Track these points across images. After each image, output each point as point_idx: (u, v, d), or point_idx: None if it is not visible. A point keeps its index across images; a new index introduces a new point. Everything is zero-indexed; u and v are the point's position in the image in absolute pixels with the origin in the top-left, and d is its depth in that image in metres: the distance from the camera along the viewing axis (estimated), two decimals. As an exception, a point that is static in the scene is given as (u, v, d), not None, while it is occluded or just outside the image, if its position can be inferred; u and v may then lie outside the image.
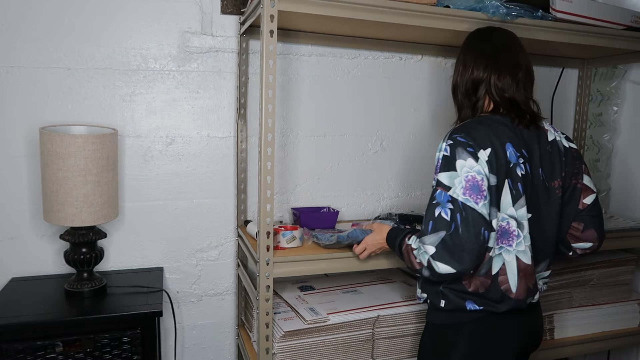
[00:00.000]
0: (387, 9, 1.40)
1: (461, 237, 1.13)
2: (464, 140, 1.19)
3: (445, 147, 1.21)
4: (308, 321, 1.50)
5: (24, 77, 1.60)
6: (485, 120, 1.25)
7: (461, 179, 1.15)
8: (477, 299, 1.23)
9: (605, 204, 2.18)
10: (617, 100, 2.13)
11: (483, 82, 1.29)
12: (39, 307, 1.45)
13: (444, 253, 1.14)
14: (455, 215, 1.14)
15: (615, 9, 1.74)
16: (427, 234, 1.17)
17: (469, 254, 1.13)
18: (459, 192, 1.15)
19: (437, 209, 1.16)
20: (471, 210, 1.13)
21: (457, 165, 1.16)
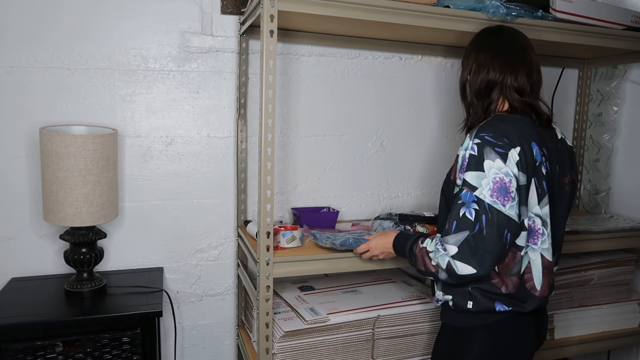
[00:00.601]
0: (387, 9, 1.40)
1: (485, 239, 1.12)
2: (493, 140, 1.16)
3: (472, 146, 1.17)
4: (308, 321, 1.50)
5: (24, 77, 1.60)
6: (508, 119, 1.23)
7: (489, 180, 1.13)
8: (506, 299, 1.22)
9: (605, 204, 2.18)
10: (617, 100, 2.13)
11: (499, 83, 1.27)
12: (39, 307, 1.45)
13: (466, 253, 1.12)
14: (481, 216, 1.12)
15: (615, 9, 1.74)
16: (451, 233, 1.15)
17: (491, 256, 1.12)
18: (486, 193, 1.13)
19: (462, 209, 1.14)
20: (497, 212, 1.12)
21: (484, 166, 1.14)
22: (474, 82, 1.30)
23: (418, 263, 1.23)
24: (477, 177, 1.14)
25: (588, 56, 2.12)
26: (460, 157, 1.21)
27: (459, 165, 1.21)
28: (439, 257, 1.16)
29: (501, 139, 1.16)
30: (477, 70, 1.30)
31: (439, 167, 2.10)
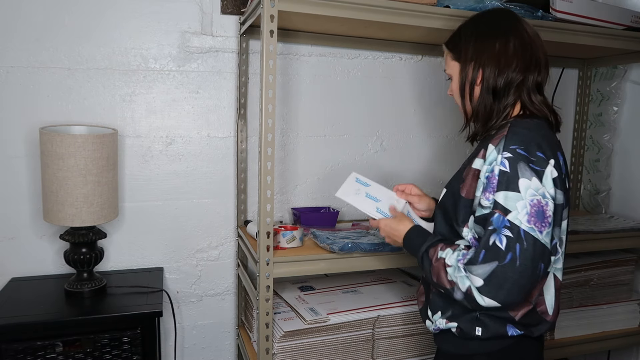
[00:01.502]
0: (387, 9, 1.40)
1: (516, 271, 0.96)
2: (526, 153, 1.00)
3: (503, 161, 1.01)
4: (308, 321, 1.50)
5: (24, 77, 1.60)
6: (531, 126, 1.06)
7: (525, 203, 0.98)
8: (517, 323, 1.10)
9: (605, 204, 2.18)
10: (617, 100, 2.13)
11: (521, 80, 1.09)
12: (39, 307, 1.45)
13: (493, 286, 0.97)
14: (514, 245, 0.96)
15: (615, 9, 1.74)
16: (477, 263, 0.99)
17: (521, 290, 0.98)
18: (523, 218, 0.97)
19: (493, 237, 0.98)
20: (534, 240, 0.97)
21: (520, 186, 0.98)
22: (490, 78, 1.10)
23: (431, 271, 1.10)
24: (512, 198, 0.98)
25: (588, 56, 2.12)
26: (484, 174, 1.04)
27: (481, 183, 1.04)
28: (459, 278, 1.02)
29: (535, 152, 1.01)
30: (495, 63, 1.09)
31: (439, 167, 2.10)
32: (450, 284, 1.04)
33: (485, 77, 1.11)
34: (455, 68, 1.17)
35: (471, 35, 1.14)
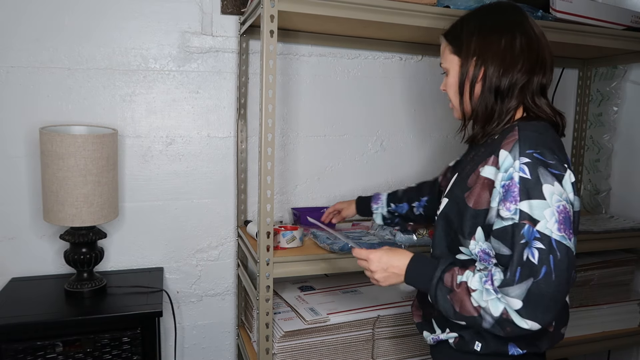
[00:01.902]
0: (387, 9, 1.40)
1: (552, 285, 0.88)
2: (543, 158, 0.94)
3: (521, 167, 0.93)
4: (308, 321, 1.50)
5: (24, 77, 1.60)
6: (541, 129, 1.02)
7: (553, 210, 0.90)
8: (521, 341, 1.03)
9: (606, 204, 2.18)
10: (617, 100, 2.13)
11: (526, 83, 1.03)
12: (39, 307, 1.45)
13: (533, 307, 0.89)
14: (547, 257, 0.89)
15: (615, 9, 1.74)
16: (514, 284, 0.90)
17: (558, 304, 0.90)
18: (553, 227, 0.90)
19: (526, 251, 0.90)
20: (566, 249, 0.90)
21: (545, 192, 0.91)
22: (493, 77, 1.03)
23: (452, 300, 0.97)
24: (538, 206, 0.91)
25: (588, 56, 2.12)
26: (500, 182, 0.95)
27: (497, 193, 0.96)
28: (490, 302, 0.92)
29: (551, 156, 0.95)
30: (500, 61, 1.02)
31: (439, 167, 2.09)
32: (477, 310, 0.94)
33: (488, 75, 1.03)
34: (454, 62, 1.09)
35: (475, 28, 1.06)
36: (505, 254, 0.95)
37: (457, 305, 0.97)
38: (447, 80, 1.13)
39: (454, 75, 1.10)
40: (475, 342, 1.05)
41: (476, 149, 1.11)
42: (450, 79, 1.11)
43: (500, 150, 0.98)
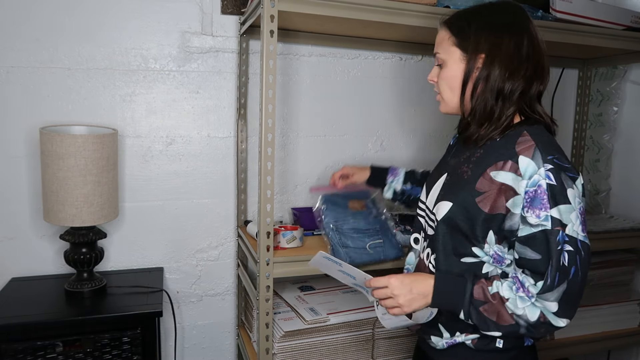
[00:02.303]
0: (387, 9, 1.40)
1: (579, 282, 0.94)
2: (561, 163, 0.97)
3: (547, 174, 0.94)
4: (308, 321, 1.50)
5: (24, 77, 1.60)
6: (545, 133, 1.04)
7: (577, 213, 0.95)
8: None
9: (606, 204, 2.18)
10: (617, 100, 2.14)
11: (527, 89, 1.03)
12: (39, 307, 1.45)
13: (566, 305, 0.94)
14: (575, 257, 0.94)
15: (615, 9, 1.74)
16: (553, 289, 0.93)
17: (581, 298, 0.96)
18: (578, 229, 0.95)
19: (562, 257, 0.93)
20: (588, 248, 0.96)
21: (569, 197, 0.95)
22: (498, 79, 1.01)
23: (487, 312, 0.98)
24: (565, 211, 0.94)
25: (588, 56, 2.12)
26: (525, 189, 0.96)
27: (521, 199, 0.96)
28: (527, 308, 0.95)
29: (566, 160, 0.98)
30: (507, 64, 1.01)
31: (439, 167, 2.10)
32: (511, 318, 0.96)
33: (493, 76, 1.02)
34: (455, 55, 1.06)
35: (485, 25, 1.03)
36: (533, 258, 0.97)
37: (494, 316, 0.98)
38: (442, 72, 1.09)
39: (454, 69, 1.06)
40: (496, 340, 1.05)
41: (470, 150, 1.09)
42: (448, 71, 1.08)
43: (519, 157, 0.97)
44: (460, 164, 1.11)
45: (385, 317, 1.11)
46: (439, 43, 1.11)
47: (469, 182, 1.04)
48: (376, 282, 1.05)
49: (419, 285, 1.03)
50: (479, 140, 1.06)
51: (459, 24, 1.07)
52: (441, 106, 1.13)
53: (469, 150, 1.10)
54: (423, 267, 1.14)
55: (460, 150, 1.16)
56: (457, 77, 1.06)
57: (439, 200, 1.09)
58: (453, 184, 1.09)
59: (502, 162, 1.00)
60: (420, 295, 1.03)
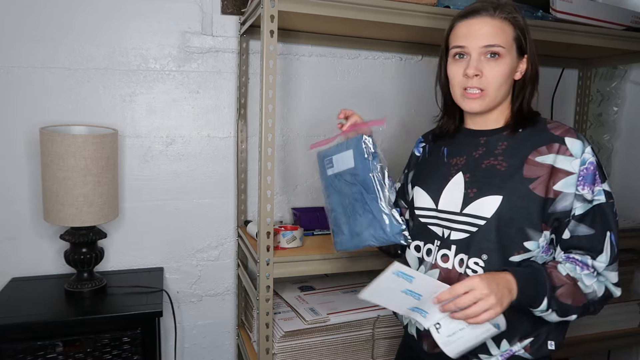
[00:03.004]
0: (387, 9, 1.40)
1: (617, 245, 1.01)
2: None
3: (592, 152, 1.01)
4: (308, 321, 1.50)
5: (24, 77, 1.60)
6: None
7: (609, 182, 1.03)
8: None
9: (605, 204, 2.18)
10: (617, 100, 2.14)
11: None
12: (39, 307, 1.45)
13: (618, 273, 0.99)
14: (615, 220, 1.01)
15: (615, 9, 1.74)
16: (615, 261, 0.99)
17: None
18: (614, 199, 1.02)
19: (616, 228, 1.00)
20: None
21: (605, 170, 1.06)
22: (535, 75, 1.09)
23: (564, 297, 0.96)
24: (608, 183, 1.02)
25: (588, 56, 2.12)
26: (579, 167, 0.99)
27: (573, 178, 0.99)
28: (596, 284, 0.97)
29: None
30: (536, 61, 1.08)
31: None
32: (585, 297, 0.97)
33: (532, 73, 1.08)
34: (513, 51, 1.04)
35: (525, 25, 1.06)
36: (587, 234, 0.99)
37: (570, 299, 0.96)
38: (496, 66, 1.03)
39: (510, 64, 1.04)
40: (548, 341, 1.04)
41: (482, 145, 1.09)
42: (504, 67, 1.03)
43: (564, 139, 1.01)
44: (479, 159, 1.08)
45: (452, 339, 0.97)
46: (496, 35, 1.02)
47: (511, 173, 1.02)
48: (459, 288, 0.91)
49: (500, 280, 0.92)
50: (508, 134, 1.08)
51: (516, 19, 1.05)
52: (479, 103, 1.05)
53: (480, 146, 1.09)
54: (455, 277, 1.02)
55: (460, 148, 1.13)
56: (511, 73, 1.05)
57: (476, 198, 1.03)
58: (487, 178, 1.04)
59: (545, 146, 1.02)
60: (507, 290, 0.92)
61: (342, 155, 1.18)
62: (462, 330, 0.96)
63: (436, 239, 1.09)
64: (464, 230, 1.04)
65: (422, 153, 1.26)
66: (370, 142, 1.15)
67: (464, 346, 0.97)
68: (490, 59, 1.02)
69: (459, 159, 1.11)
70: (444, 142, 1.18)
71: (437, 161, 1.17)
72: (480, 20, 1.03)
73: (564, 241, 1.01)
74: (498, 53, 1.02)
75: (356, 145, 1.16)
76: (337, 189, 1.22)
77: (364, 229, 1.16)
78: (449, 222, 1.07)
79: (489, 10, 1.03)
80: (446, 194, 1.09)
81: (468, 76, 1.04)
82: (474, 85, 1.04)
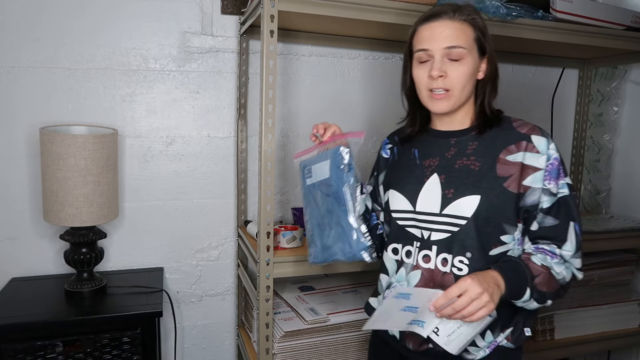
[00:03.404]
0: (387, 9, 1.40)
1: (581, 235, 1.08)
2: None
3: (556, 147, 1.07)
4: (308, 321, 1.50)
5: (24, 77, 1.60)
6: None
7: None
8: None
9: (606, 204, 2.18)
10: (618, 100, 2.13)
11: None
12: (39, 307, 1.45)
13: (582, 258, 1.07)
14: (578, 214, 1.08)
15: (615, 9, 1.74)
16: (579, 249, 1.06)
17: None
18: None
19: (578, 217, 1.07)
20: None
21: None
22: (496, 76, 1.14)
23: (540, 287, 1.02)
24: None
25: (588, 56, 2.12)
26: (545, 163, 1.04)
27: (541, 174, 1.04)
28: (565, 271, 1.04)
29: None
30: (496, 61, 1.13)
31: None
32: (557, 283, 1.04)
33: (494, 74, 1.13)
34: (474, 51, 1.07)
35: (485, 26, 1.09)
36: (552, 224, 1.05)
37: (545, 286, 1.03)
38: (459, 68, 1.06)
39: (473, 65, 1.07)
40: (524, 328, 1.10)
41: (452, 145, 1.12)
42: (467, 68, 1.06)
43: (531, 137, 1.06)
44: (452, 160, 1.11)
45: (452, 338, 1.01)
46: (456, 36, 1.05)
47: (485, 172, 1.06)
48: (453, 292, 0.94)
49: (489, 278, 0.97)
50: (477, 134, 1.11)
51: (476, 23, 1.08)
52: (445, 104, 1.08)
53: (451, 147, 1.12)
54: (439, 276, 1.06)
55: (432, 149, 1.15)
56: (474, 73, 1.08)
57: (455, 199, 1.06)
58: (462, 178, 1.07)
59: (514, 145, 1.06)
60: (496, 286, 0.97)
61: (320, 165, 1.17)
62: (460, 328, 1.00)
63: (415, 241, 1.11)
64: (445, 231, 1.07)
65: (390, 155, 1.27)
66: (346, 154, 1.15)
67: (465, 341, 1.01)
68: (453, 60, 1.06)
69: (432, 160, 1.14)
70: (414, 144, 1.20)
71: (409, 163, 1.18)
72: (442, 23, 1.06)
73: (531, 232, 1.07)
74: (460, 54, 1.05)
75: (333, 155, 1.16)
76: (314, 199, 1.22)
77: (333, 242, 1.16)
78: (428, 224, 1.09)
79: (449, 13, 1.06)
80: (423, 196, 1.11)
81: (433, 77, 1.07)
82: (439, 87, 1.07)
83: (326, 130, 1.20)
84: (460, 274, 1.04)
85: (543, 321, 1.82)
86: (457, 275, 1.04)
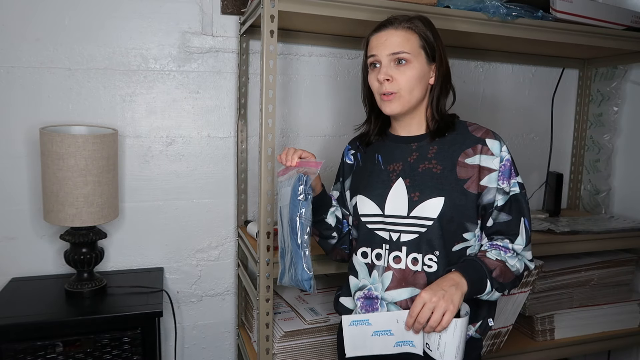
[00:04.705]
0: (387, 9, 1.40)
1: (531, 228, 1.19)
2: None
3: (507, 149, 1.16)
4: (308, 321, 1.50)
5: (24, 77, 1.60)
6: None
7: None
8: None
9: (606, 204, 2.18)
10: (618, 100, 2.13)
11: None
12: (39, 307, 1.45)
13: (531, 250, 1.18)
14: (528, 209, 1.18)
15: (616, 9, 1.74)
16: (530, 242, 1.17)
17: None
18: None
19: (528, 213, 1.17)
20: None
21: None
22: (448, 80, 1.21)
23: (499, 279, 1.11)
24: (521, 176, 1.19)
25: (588, 56, 2.12)
26: (499, 164, 1.13)
27: (496, 174, 1.13)
28: (517, 263, 1.15)
29: None
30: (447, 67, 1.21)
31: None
32: (512, 274, 1.13)
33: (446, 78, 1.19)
34: (421, 57, 1.14)
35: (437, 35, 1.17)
36: (505, 220, 1.14)
37: (502, 277, 1.11)
38: (405, 71, 1.13)
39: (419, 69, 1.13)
40: (488, 319, 1.20)
41: (414, 150, 1.18)
42: (414, 71, 1.13)
43: (485, 140, 1.15)
44: (414, 164, 1.17)
45: (442, 349, 1.04)
46: (402, 43, 1.13)
47: (447, 175, 1.14)
48: (415, 308, 1.03)
49: (444, 282, 1.05)
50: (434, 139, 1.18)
51: (420, 29, 1.15)
52: (395, 104, 1.14)
53: (413, 151, 1.19)
54: (410, 275, 1.13)
55: (394, 154, 1.20)
56: (422, 77, 1.14)
57: (420, 201, 1.13)
58: (426, 182, 1.14)
59: (470, 148, 1.15)
60: (453, 287, 1.04)
61: (285, 190, 1.18)
62: (441, 339, 1.04)
63: (384, 243, 1.17)
64: (413, 232, 1.13)
65: (354, 161, 1.32)
66: (305, 183, 1.15)
67: (454, 348, 1.05)
68: (398, 65, 1.13)
69: (396, 165, 1.19)
70: (376, 150, 1.25)
71: (374, 168, 1.23)
72: (388, 32, 1.14)
73: (487, 228, 1.16)
74: (405, 59, 1.12)
75: (295, 183, 1.16)
76: (281, 221, 1.22)
77: (288, 267, 1.19)
78: (397, 226, 1.15)
79: (394, 23, 1.15)
80: (391, 200, 1.16)
81: (379, 82, 1.14)
82: (387, 90, 1.14)
83: (293, 154, 1.18)
84: (430, 271, 1.12)
85: (543, 321, 1.82)
86: (428, 273, 1.12)
